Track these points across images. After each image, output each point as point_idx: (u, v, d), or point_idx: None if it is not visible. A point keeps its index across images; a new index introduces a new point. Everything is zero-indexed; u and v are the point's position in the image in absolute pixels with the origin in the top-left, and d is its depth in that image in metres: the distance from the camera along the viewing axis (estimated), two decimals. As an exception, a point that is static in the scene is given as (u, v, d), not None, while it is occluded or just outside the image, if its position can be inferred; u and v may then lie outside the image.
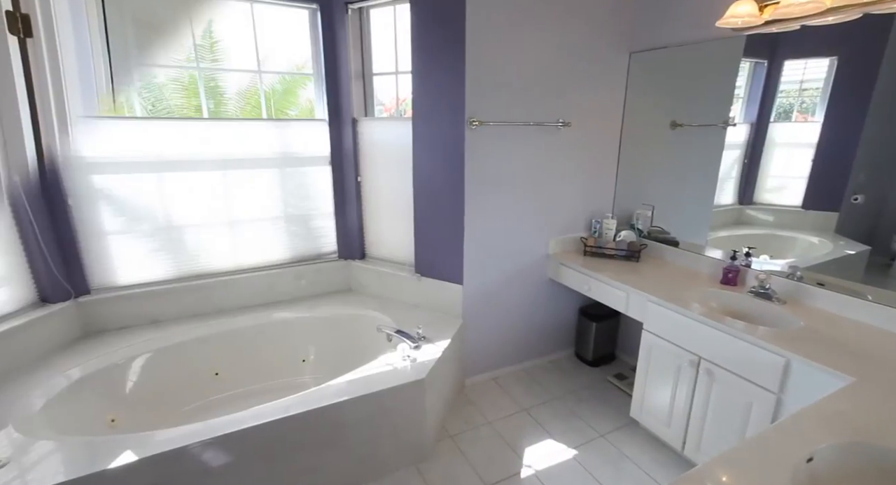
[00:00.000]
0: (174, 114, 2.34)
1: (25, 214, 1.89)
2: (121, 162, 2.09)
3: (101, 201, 2.10)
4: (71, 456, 1.40)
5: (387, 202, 2.56)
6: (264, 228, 2.48)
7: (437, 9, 2.03)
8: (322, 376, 2.34)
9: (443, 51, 2.06)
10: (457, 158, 2.16)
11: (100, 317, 2.15)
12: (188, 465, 1.46)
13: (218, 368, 2.22)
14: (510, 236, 2.40)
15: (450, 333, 2.20)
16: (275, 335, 2.36)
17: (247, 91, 3.14)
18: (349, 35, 2.38)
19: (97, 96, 2.08)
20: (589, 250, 2.49)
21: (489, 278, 2.40)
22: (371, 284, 2.67)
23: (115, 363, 1.97)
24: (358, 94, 2.49)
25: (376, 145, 2.51)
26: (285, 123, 2.49)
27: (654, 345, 1.92)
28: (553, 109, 2.31)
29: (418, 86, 2.18)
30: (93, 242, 2.11)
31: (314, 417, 1.64)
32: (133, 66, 2.20)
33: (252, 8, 2.27)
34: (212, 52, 2.63)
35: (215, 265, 2.40)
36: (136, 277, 2.23)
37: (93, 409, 1.82)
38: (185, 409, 2.10)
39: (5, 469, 1.32)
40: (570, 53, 2.27)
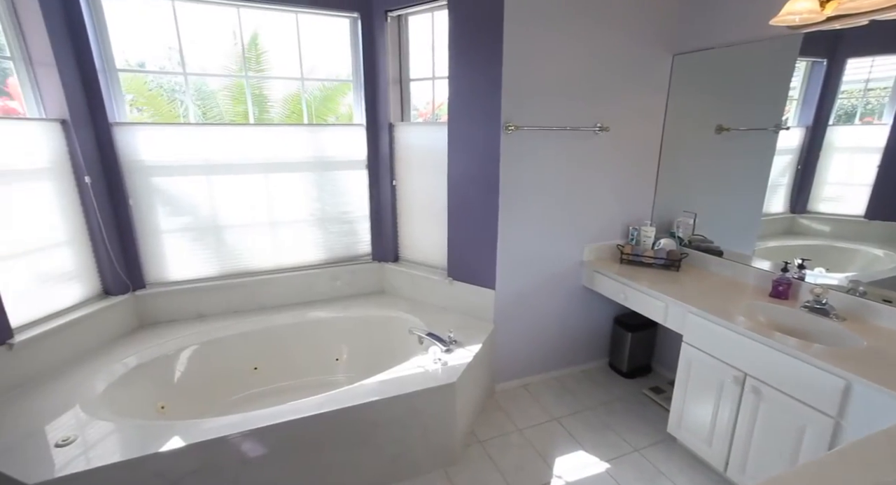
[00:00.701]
0: (223, 120, 2.47)
1: (94, 214, 2.06)
2: (175, 165, 2.24)
3: (157, 202, 2.25)
4: (126, 438, 1.51)
5: (421, 206, 2.60)
6: (303, 229, 2.57)
7: (475, 14, 2.04)
8: (354, 376, 2.40)
9: (480, 56, 2.07)
10: (492, 162, 2.16)
11: (153, 310, 2.31)
12: (229, 454, 1.54)
13: (257, 362, 2.33)
14: (544, 242, 2.37)
15: (481, 338, 2.20)
16: (310, 334, 2.45)
17: (289, 98, 3.28)
18: (388, 42, 2.43)
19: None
20: (625, 258, 2.42)
21: (522, 284, 2.38)
22: (403, 287, 2.71)
23: (166, 354, 2.10)
24: (395, 100, 2.54)
25: (412, 150, 2.55)
26: (325, 128, 2.58)
27: (695, 359, 1.84)
28: (590, 114, 2.26)
29: (454, 91, 2.20)
30: (149, 240, 2.27)
31: (347, 415, 1.68)
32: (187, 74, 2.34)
33: (297, 18, 2.36)
34: (258, 62, 2.77)
35: (257, 264, 2.51)
36: (185, 274, 2.38)
37: (146, 395, 1.96)
38: (227, 400, 2.21)
39: (72, 446, 1.44)
40: (609, 57, 2.22)
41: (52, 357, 1.88)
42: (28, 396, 1.71)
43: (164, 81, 3.04)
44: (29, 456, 1.40)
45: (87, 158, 2.02)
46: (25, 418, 1.59)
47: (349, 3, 2.36)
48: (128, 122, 2.15)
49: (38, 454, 1.41)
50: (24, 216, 1.83)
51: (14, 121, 1.83)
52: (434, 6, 2.27)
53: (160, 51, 2.35)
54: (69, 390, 1.75)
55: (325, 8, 2.34)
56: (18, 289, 1.80)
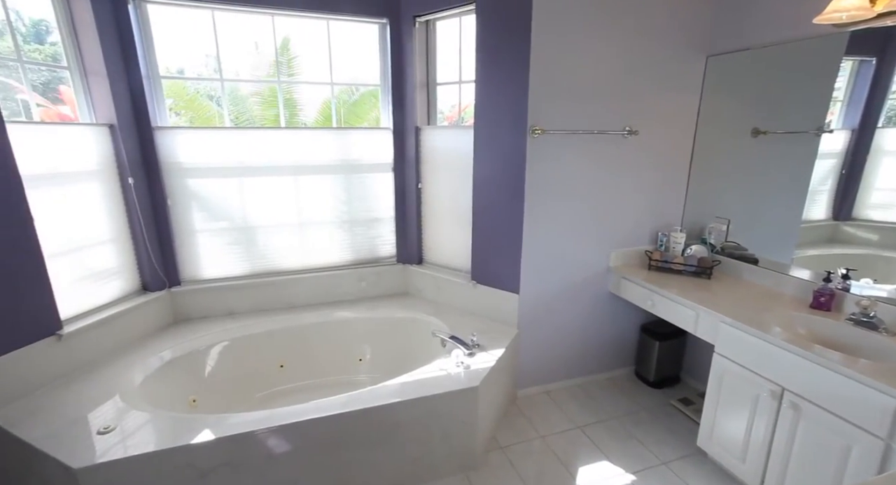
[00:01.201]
0: (255, 124, 2.56)
1: (136, 214, 2.17)
2: (210, 167, 2.33)
3: (192, 203, 2.35)
4: (160, 428, 1.57)
5: (446, 209, 2.61)
6: (330, 230, 2.63)
7: (503, 18, 2.04)
8: (377, 376, 2.42)
9: (507, 59, 2.07)
10: (517, 166, 2.15)
11: (187, 306, 2.40)
12: (255, 448, 1.58)
13: (283, 360, 2.38)
14: (569, 247, 2.34)
15: (504, 343, 2.18)
16: (335, 333, 2.49)
17: (319, 102, 3.37)
18: (415, 47, 2.46)
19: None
20: (654, 264, 2.36)
21: (546, 289, 2.36)
22: (427, 289, 2.72)
23: (198, 349, 2.18)
24: (422, 104, 2.57)
25: (437, 153, 2.57)
26: (353, 132, 2.63)
27: (728, 370, 1.77)
28: (619, 117, 2.22)
29: (481, 94, 2.20)
30: (184, 239, 2.37)
31: (369, 415, 1.70)
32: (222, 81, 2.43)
33: (328, 25, 2.42)
34: (289, 67, 2.86)
35: (285, 264, 2.58)
36: (217, 272, 2.47)
37: (179, 388, 2.04)
38: (254, 396, 2.27)
39: (112, 434, 1.52)
40: (640, 59, 2.18)
41: (95, 349, 1.99)
42: (73, 384, 1.81)
43: (200, 87, 3.18)
44: (74, 442, 1.48)
45: (131, 160, 2.13)
46: (71, 405, 1.68)
47: (378, 9, 2.41)
48: (168, 126, 2.26)
49: (82, 440, 1.49)
50: (74, 215, 1.95)
51: (68, 126, 1.95)
52: (462, 11, 2.28)
53: (198, 58, 2.47)
54: (110, 380, 1.84)
55: (356, 15, 2.39)
56: (67, 283, 1.91)
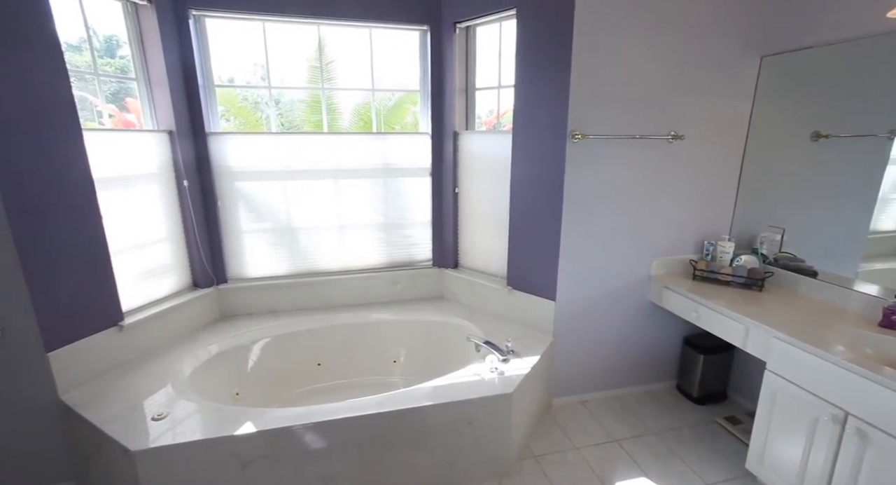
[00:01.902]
0: (298, 129, 2.66)
1: (189, 214, 2.31)
2: (257, 171, 2.44)
3: (240, 204, 2.47)
4: (206, 418, 1.66)
5: (482, 214, 2.61)
6: (367, 233, 2.69)
7: (544, 22, 2.03)
8: (410, 378, 2.45)
9: (547, 63, 2.05)
10: (556, 171, 2.12)
11: (232, 303, 2.52)
12: (293, 443, 1.63)
13: (321, 358, 2.45)
14: (609, 254, 2.28)
15: (539, 350, 2.15)
16: (371, 334, 2.54)
17: (359, 107, 3.46)
18: (455, 52, 2.49)
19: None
20: (699, 275, 2.26)
21: (584, 296, 2.31)
22: (462, 294, 2.73)
23: (242, 344, 2.28)
24: (460, 109, 2.59)
25: (475, 158, 2.57)
26: (392, 137, 2.68)
27: (782, 390, 1.67)
28: (664, 121, 2.15)
29: (520, 99, 2.20)
30: (232, 238, 2.49)
31: (403, 416, 1.72)
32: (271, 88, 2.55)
33: (370, 33, 2.49)
34: (329, 73, 2.96)
35: (325, 265, 2.66)
36: (261, 271, 2.58)
37: (224, 381, 2.14)
38: (292, 392, 2.34)
39: (164, 421, 1.61)
40: (689, 61, 2.10)
41: (150, 340, 2.12)
42: (131, 372, 1.94)
43: (249, 94, 3.34)
44: (132, 425, 1.59)
45: (187, 163, 2.27)
46: (130, 391, 1.80)
47: (420, 17, 2.45)
48: (220, 131, 2.39)
49: (138, 425, 1.59)
50: (136, 215, 2.09)
51: (133, 132, 2.11)
52: (502, 16, 2.29)
53: (247, 67, 2.60)
54: (163, 370, 1.96)
55: (398, 22, 2.45)
56: (128, 278, 2.05)
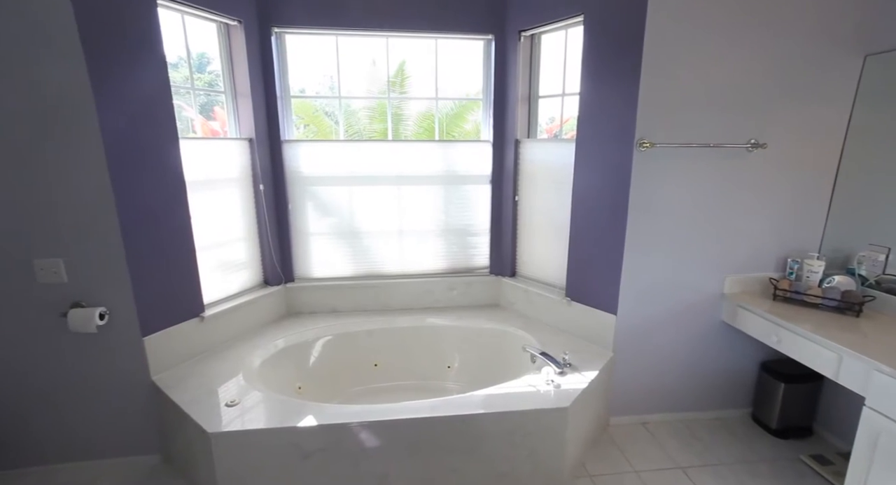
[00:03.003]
0: (362, 136, 2.78)
1: (263, 216, 2.48)
2: (325, 176, 2.58)
3: (308, 208, 2.61)
4: (272, 409, 1.76)
5: (542, 222, 2.57)
6: (426, 239, 2.74)
7: (613, 26, 1.98)
8: (464, 385, 2.45)
9: (615, 69, 2.00)
10: (621, 180, 2.05)
11: (298, 301, 2.66)
12: (350, 439, 1.69)
13: (378, 359, 2.52)
14: (676, 269, 2.15)
15: (597, 365, 2.07)
16: (427, 339, 2.57)
17: (421, 115, 3.56)
18: (519, 61, 2.49)
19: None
20: (781, 295, 2.07)
21: (648, 312, 2.20)
22: (519, 303, 2.69)
23: (306, 341, 2.41)
24: (523, 117, 2.58)
25: (536, 166, 2.55)
26: (454, 144, 2.72)
27: (885, 430, 1.48)
28: (743, 128, 2.01)
29: (585, 106, 2.15)
30: (300, 240, 2.64)
31: (456, 422, 1.73)
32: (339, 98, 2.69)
33: (436, 44, 2.56)
34: (400, 85, 3.07)
35: (385, 268, 2.74)
36: (325, 272, 2.71)
37: (288, 374, 2.26)
38: (350, 390, 2.43)
39: (236, 408, 1.74)
40: (775, 62, 1.96)
41: (226, 331, 2.29)
42: (209, 360, 2.10)
43: (319, 104, 3.55)
44: (208, 409, 1.73)
45: (263, 169, 2.44)
46: (207, 378, 1.96)
47: (485, 26, 2.48)
48: (294, 139, 2.55)
49: (214, 410, 1.72)
50: (218, 216, 2.28)
51: (220, 140, 2.31)
52: (568, 23, 2.26)
53: (317, 78, 2.76)
54: (236, 360, 2.11)
55: (464, 33, 2.49)
56: (209, 273, 2.24)
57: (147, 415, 1.96)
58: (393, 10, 2.38)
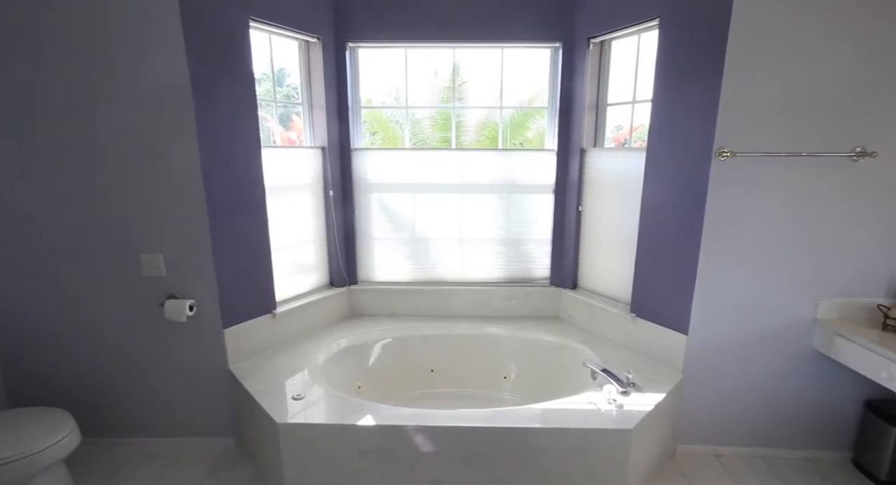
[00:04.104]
0: (426, 145, 2.84)
1: (332, 221, 2.62)
2: (390, 183, 2.67)
3: (373, 214, 2.72)
4: (333, 405, 1.84)
5: (607, 234, 2.47)
6: (487, 247, 2.74)
7: (692, 30, 1.87)
8: (520, 397, 2.40)
9: (693, 74, 1.88)
10: (697, 192, 1.92)
11: (360, 303, 2.77)
12: (405, 442, 1.72)
13: (435, 365, 2.55)
14: (760, 289, 1.96)
15: (665, 387, 1.94)
16: (483, 347, 2.56)
17: (483, 124, 3.58)
18: (587, 68, 2.42)
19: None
20: (892, 324, 1.81)
21: (724, 334, 2.02)
22: (579, 316, 2.60)
23: (367, 342, 2.49)
24: (589, 125, 2.51)
25: (602, 175, 2.46)
26: (516, 153, 2.71)
27: None
28: (846, 135, 1.80)
29: (658, 113, 2.05)
30: (364, 244, 2.75)
31: (512, 434, 1.70)
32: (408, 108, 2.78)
33: (502, 53, 2.57)
34: (460, 93, 3.11)
35: (445, 275, 2.78)
36: (386, 276, 2.79)
37: (349, 373, 2.35)
38: (406, 394, 2.47)
39: (301, 401, 1.84)
40: (885, 58, 1.74)
41: (294, 328, 2.43)
42: (279, 354, 2.25)
43: (384, 114, 3.70)
44: (277, 400, 1.84)
45: (334, 176, 2.58)
46: (276, 371, 2.09)
47: (553, 34, 2.45)
48: (362, 148, 2.67)
49: (281, 402, 1.84)
50: (291, 220, 2.44)
51: (296, 149, 2.49)
52: (642, 28, 2.17)
53: (384, 88, 2.88)
54: (302, 356, 2.23)
55: (531, 41, 2.48)
56: (281, 273, 2.40)
57: (224, 401, 2.13)
58: (462, 22, 2.43)
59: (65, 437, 1.69)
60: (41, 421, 1.74)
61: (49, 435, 1.66)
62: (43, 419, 1.75)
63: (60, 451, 1.67)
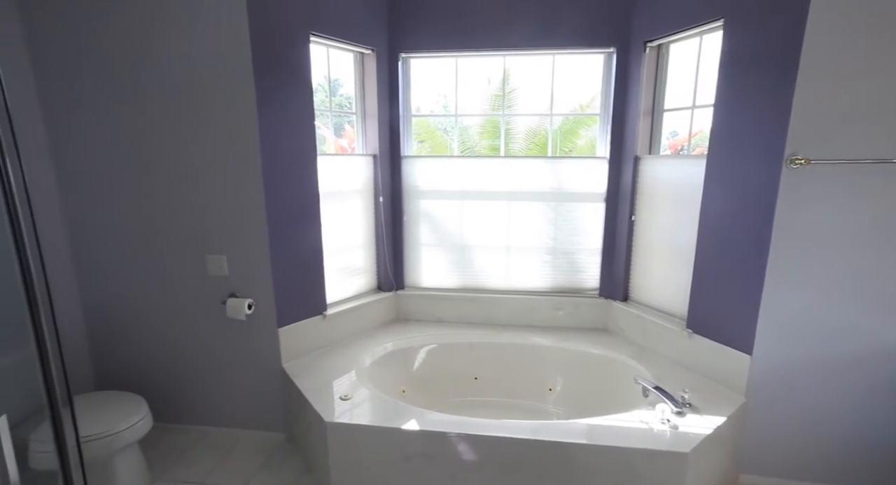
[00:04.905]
0: (473, 152, 2.85)
1: (381, 226, 2.69)
2: (438, 190, 2.70)
3: (421, 220, 2.76)
4: (378, 407, 1.88)
5: (661, 245, 2.36)
6: (534, 256, 2.70)
7: (762, 29, 1.76)
8: (566, 410, 2.34)
9: (762, 76, 1.77)
10: (764, 202, 1.79)
11: (406, 308, 2.81)
12: (448, 449, 1.72)
13: (479, 373, 2.53)
14: (840, 309, 1.79)
15: (725, 410, 1.82)
16: (529, 358, 2.52)
17: (533, 131, 3.54)
18: (643, 73, 2.34)
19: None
20: None
21: (797, 356, 1.86)
22: (630, 329, 2.50)
23: (412, 346, 2.52)
24: (644, 132, 2.42)
25: (657, 184, 2.36)
26: (566, 161, 2.66)
27: None
28: (946, 140, 1.62)
29: (721, 119, 1.94)
30: (412, 250, 2.80)
31: (558, 449, 1.65)
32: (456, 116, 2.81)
33: (553, 59, 2.54)
34: (510, 100, 3.11)
35: (490, 283, 2.77)
36: (432, 282, 2.82)
37: (394, 377, 2.39)
38: (449, 400, 2.47)
39: (348, 402, 1.89)
40: None
41: (343, 330, 2.51)
42: (328, 355, 2.33)
43: (435, 121, 3.75)
44: (325, 400, 1.90)
45: (383, 182, 2.65)
46: (325, 371, 2.16)
47: (607, 39, 2.40)
48: (412, 155, 2.73)
49: (329, 401, 1.90)
50: (342, 225, 2.53)
51: (349, 156, 2.58)
52: (704, 30, 2.07)
53: (432, 97, 2.92)
54: (349, 358, 2.30)
55: (584, 47, 2.44)
56: (332, 276, 2.48)
57: (277, 397, 2.23)
58: (514, 29, 2.43)
59: (140, 420, 1.84)
60: (120, 404, 1.91)
61: (127, 417, 1.82)
62: (122, 403, 1.92)
63: (136, 433, 1.83)
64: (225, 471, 2.05)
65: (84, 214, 2.16)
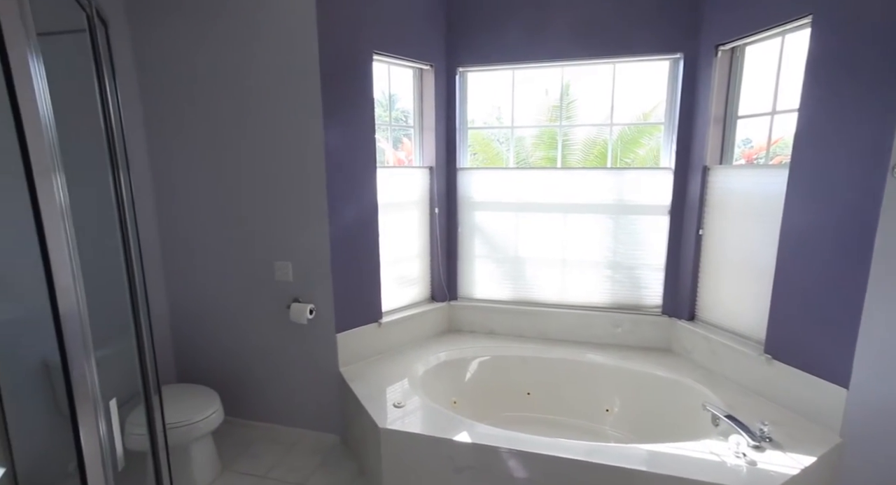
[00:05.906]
0: (528, 163, 2.82)
1: (436, 237, 2.73)
2: (493, 202, 2.70)
3: (475, 231, 2.76)
4: (429, 417, 1.88)
5: (733, 260, 2.19)
6: (591, 270, 2.60)
7: (857, 27, 1.60)
8: (623, 434, 2.21)
9: (858, 76, 1.60)
10: (863, 215, 1.60)
11: (459, 319, 2.82)
12: (499, 464, 1.68)
13: (531, 388, 2.47)
14: (957, 338, 1.56)
15: (815, 449, 1.63)
16: (584, 375, 2.41)
17: (592, 141, 3.44)
18: (714, 78, 2.21)
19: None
20: None
21: (900, 392, 1.63)
22: (698, 351, 2.32)
23: (464, 358, 2.52)
24: (714, 140, 2.27)
25: (729, 196, 2.19)
26: (627, 172, 2.55)
27: None
28: None
29: (808, 125, 1.77)
30: (466, 261, 2.81)
31: (617, 474, 1.56)
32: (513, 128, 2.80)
33: (614, 68, 2.46)
34: (568, 111, 3.05)
35: (544, 296, 2.70)
36: (486, 294, 2.80)
37: (445, 387, 2.39)
38: (500, 415, 2.43)
39: (401, 410, 1.91)
40: None
41: (397, 338, 2.56)
42: (382, 362, 2.38)
43: (490, 133, 3.76)
44: (379, 406, 1.94)
45: (439, 194, 2.69)
46: (379, 377, 2.21)
47: (674, 44, 2.29)
48: (468, 167, 2.75)
49: (383, 408, 1.93)
50: (399, 235, 2.60)
51: (406, 169, 2.66)
52: (787, 29, 1.92)
53: (487, 108, 2.93)
54: (403, 366, 2.33)
55: (648, 54, 2.35)
56: (388, 285, 2.55)
57: (333, 399, 2.31)
58: (574, 40, 2.39)
59: (213, 413, 1.99)
60: (197, 396, 2.08)
61: (203, 409, 1.98)
62: (199, 395, 2.09)
63: (210, 424, 1.98)
64: (285, 467, 2.16)
65: (173, 222, 2.40)
